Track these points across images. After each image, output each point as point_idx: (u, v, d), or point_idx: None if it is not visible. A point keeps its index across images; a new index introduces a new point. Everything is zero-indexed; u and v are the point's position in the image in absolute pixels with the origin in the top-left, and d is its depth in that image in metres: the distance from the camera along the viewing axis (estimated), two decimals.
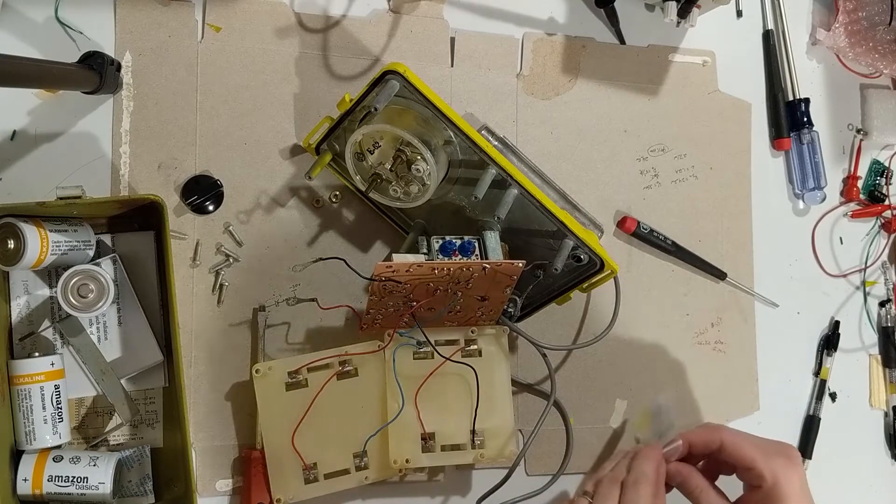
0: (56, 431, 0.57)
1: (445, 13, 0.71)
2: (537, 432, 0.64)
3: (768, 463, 0.52)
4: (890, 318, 0.83)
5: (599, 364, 0.73)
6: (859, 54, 0.81)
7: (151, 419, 0.62)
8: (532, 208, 0.61)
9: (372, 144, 0.60)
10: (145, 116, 0.64)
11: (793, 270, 0.81)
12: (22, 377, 0.56)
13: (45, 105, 0.62)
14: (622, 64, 0.75)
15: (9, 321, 0.59)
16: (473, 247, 0.60)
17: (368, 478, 0.63)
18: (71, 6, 0.62)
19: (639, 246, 0.75)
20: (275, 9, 0.67)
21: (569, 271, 0.64)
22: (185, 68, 0.64)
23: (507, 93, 0.72)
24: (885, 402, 0.83)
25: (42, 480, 0.56)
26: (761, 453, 0.52)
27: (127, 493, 0.61)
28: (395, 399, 0.63)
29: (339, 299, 0.66)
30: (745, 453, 0.53)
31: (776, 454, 0.53)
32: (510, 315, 0.65)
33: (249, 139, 0.66)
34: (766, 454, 0.52)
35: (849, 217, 0.83)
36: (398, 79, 0.57)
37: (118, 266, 0.60)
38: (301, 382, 0.63)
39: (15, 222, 0.54)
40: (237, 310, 0.65)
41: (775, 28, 0.81)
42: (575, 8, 0.75)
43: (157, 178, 0.64)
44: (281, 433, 0.62)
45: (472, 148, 0.59)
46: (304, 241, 0.67)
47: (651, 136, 0.76)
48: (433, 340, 0.63)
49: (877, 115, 0.83)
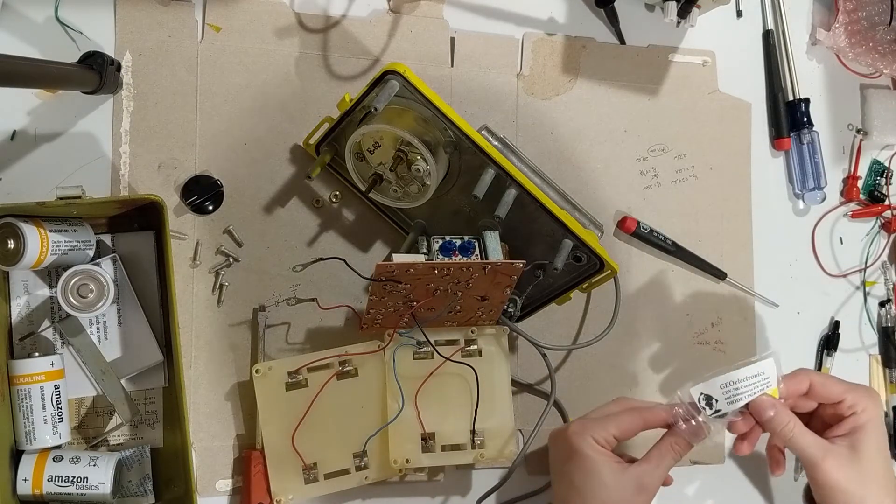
0: (56, 431, 0.57)
1: (445, 13, 0.71)
2: (537, 432, 0.64)
3: (855, 395, 0.57)
4: (890, 318, 0.83)
5: (599, 364, 0.73)
6: (859, 54, 0.81)
7: (151, 419, 0.62)
8: (532, 208, 0.61)
9: (372, 144, 0.60)
10: (145, 116, 0.64)
11: (793, 270, 0.81)
12: (22, 377, 0.56)
13: (45, 105, 0.62)
14: (622, 64, 0.75)
15: (9, 321, 0.59)
16: (473, 247, 0.60)
17: (368, 478, 0.63)
18: (71, 6, 0.62)
19: (639, 246, 0.75)
20: (275, 9, 0.67)
21: (569, 271, 0.64)
22: (185, 68, 0.65)
23: (507, 93, 0.72)
24: (885, 402, 0.83)
25: (42, 480, 0.56)
26: (848, 386, 0.58)
27: (127, 493, 0.61)
28: (395, 399, 0.63)
29: (339, 299, 0.66)
30: (835, 387, 0.58)
31: (858, 388, 0.59)
32: (510, 315, 0.65)
33: (249, 139, 0.66)
34: (852, 387, 0.58)
35: (849, 217, 0.83)
36: (398, 79, 0.57)
37: (118, 266, 0.60)
38: (301, 382, 0.63)
39: (15, 222, 0.54)
40: (237, 310, 0.65)
41: (775, 28, 0.81)
42: (575, 8, 0.75)
43: (157, 178, 0.64)
44: (281, 433, 0.62)
45: (472, 148, 0.59)
46: (304, 241, 0.67)
47: (651, 136, 0.76)
48: (433, 340, 0.63)
49: (877, 115, 0.83)
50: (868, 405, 0.57)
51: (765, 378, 0.58)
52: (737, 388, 0.58)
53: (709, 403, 0.58)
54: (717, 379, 0.58)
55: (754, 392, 0.57)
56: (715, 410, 0.57)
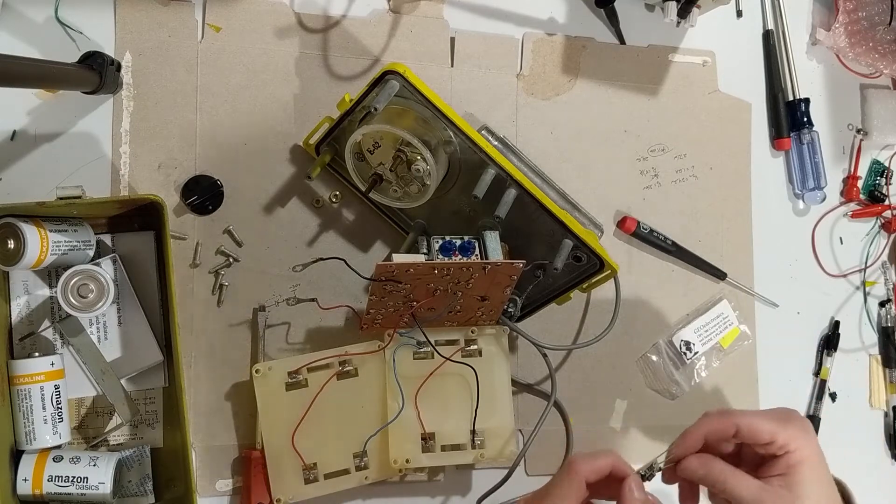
0: (56, 431, 0.57)
1: (445, 13, 0.71)
2: (537, 432, 0.64)
3: (787, 432, 0.53)
4: (890, 318, 0.83)
5: (599, 364, 0.73)
6: (859, 54, 0.81)
7: (151, 419, 0.62)
8: (532, 208, 0.61)
9: (372, 144, 0.60)
10: (145, 116, 0.64)
11: (793, 270, 0.81)
12: (22, 377, 0.56)
13: (45, 105, 0.62)
14: (622, 64, 0.75)
15: (9, 321, 0.59)
16: (473, 247, 0.60)
17: (368, 478, 0.63)
18: (71, 6, 0.62)
19: (639, 246, 0.75)
20: (275, 9, 0.67)
21: (569, 271, 0.64)
22: (185, 68, 0.64)
23: (507, 93, 0.72)
24: (885, 402, 0.83)
25: (42, 480, 0.56)
26: (777, 425, 0.53)
27: (127, 493, 0.61)
28: (395, 399, 0.63)
29: (339, 299, 0.66)
30: (764, 428, 0.53)
31: (788, 421, 0.54)
32: (510, 315, 0.65)
33: (249, 139, 0.66)
34: (782, 424, 0.54)
35: (849, 217, 0.83)
36: (398, 79, 0.57)
37: (118, 266, 0.60)
38: (301, 382, 0.63)
39: (15, 222, 0.54)
40: (237, 310, 0.65)
41: (775, 28, 0.81)
42: (575, 8, 0.75)
43: (157, 178, 0.64)
44: (281, 433, 0.62)
45: (472, 148, 0.59)
46: (304, 241, 0.67)
47: (651, 136, 0.76)
48: (433, 340, 0.63)
49: (877, 115, 0.83)
50: (802, 443, 0.52)
51: (725, 317, 0.75)
52: (706, 330, 0.74)
53: (689, 347, 0.66)
54: (688, 327, 0.74)
55: (721, 331, 0.72)
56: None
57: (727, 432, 0.54)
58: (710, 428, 0.54)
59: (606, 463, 0.52)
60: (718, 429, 0.54)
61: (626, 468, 0.52)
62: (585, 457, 0.52)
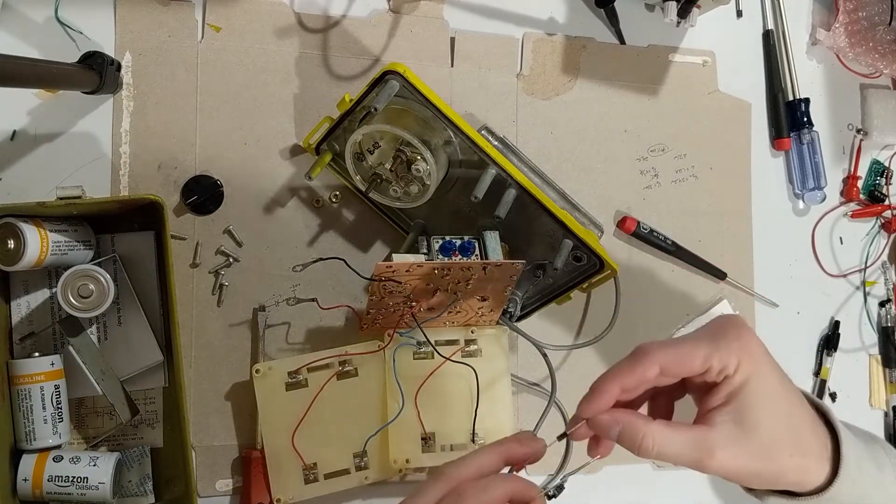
0: (56, 431, 0.57)
1: (445, 13, 0.71)
2: (537, 432, 0.64)
3: (720, 352, 0.42)
4: (890, 318, 0.83)
5: (599, 364, 0.73)
6: (859, 54, 0.81)
7: (151, 419, 0.62)
8: (532, 208, 0.61)
9: (372, 144, 0.60)
10: (145, 116, 0.64)
11: (793, 270, 0.81)
12: (22, 377, 0.56)
13: (45, 105, 0.62)
14: (622, 64, 0.75)
15: (9, 321, 0.59)
16: (473, 247, 0.60)
17: (368, 478, 0.63)
18: (71, 6, 0.62)
19: (639, 246, 0.75)
20: (275, 9, 0.67)
21: (569, 271, 0.64)
22: (185, 68, 0.64)
23: (507, 93, 0.72)
24: (885, 402, 0.83)
25: (42, 480, 0.56)
26: (709, 346, 0.43)
27: (127, 493, 0.61)
28: (395, 399, 0.63)
29: (339, 299, 0.66)
30: (693, 356, 0.43)
31: (720, 338, 0.43)
32: (510, 315, 0.65)
33: (249, 139, 0.66)
34: (714, 344, 0.43)
35: (849, 217, 0.83)
36: (398, 79, 0.57)
37: (118, 266, 0.60)
38: (301, 382, 0.63)
39: (15, 222, 0.54)
40: (237, 310, 0.65)
41: (775, 28, 0.81)
42: (575, 8, 0.75)
43: (157, 178, 0.64)
44: (281, 433, 0.62)
45: (472, 148, 0.59)
46: (304, 241, 0.67)
47: (651, 136, 0.76)
48: (433, 340, 0.63)
49: (877, 115, 0.83)
50: (741, 357, 0.42)
51: None
52: None
53: None
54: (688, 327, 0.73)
55: None
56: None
57: (646, 376, 0.45)
58: (623, 379, 0.45)
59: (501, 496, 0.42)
60: (634, 377, 0.45)
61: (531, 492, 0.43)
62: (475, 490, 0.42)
